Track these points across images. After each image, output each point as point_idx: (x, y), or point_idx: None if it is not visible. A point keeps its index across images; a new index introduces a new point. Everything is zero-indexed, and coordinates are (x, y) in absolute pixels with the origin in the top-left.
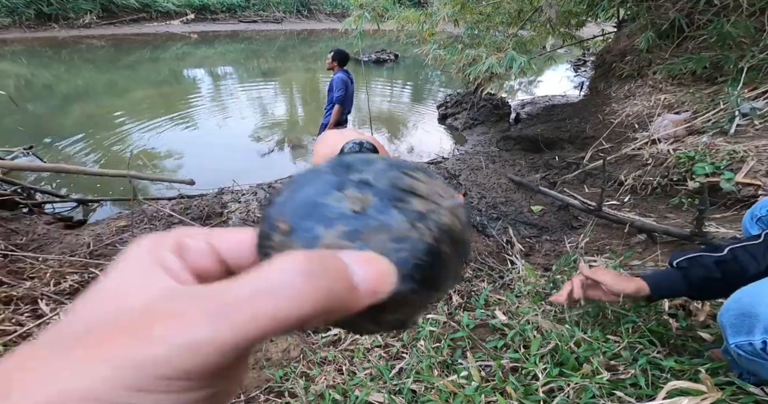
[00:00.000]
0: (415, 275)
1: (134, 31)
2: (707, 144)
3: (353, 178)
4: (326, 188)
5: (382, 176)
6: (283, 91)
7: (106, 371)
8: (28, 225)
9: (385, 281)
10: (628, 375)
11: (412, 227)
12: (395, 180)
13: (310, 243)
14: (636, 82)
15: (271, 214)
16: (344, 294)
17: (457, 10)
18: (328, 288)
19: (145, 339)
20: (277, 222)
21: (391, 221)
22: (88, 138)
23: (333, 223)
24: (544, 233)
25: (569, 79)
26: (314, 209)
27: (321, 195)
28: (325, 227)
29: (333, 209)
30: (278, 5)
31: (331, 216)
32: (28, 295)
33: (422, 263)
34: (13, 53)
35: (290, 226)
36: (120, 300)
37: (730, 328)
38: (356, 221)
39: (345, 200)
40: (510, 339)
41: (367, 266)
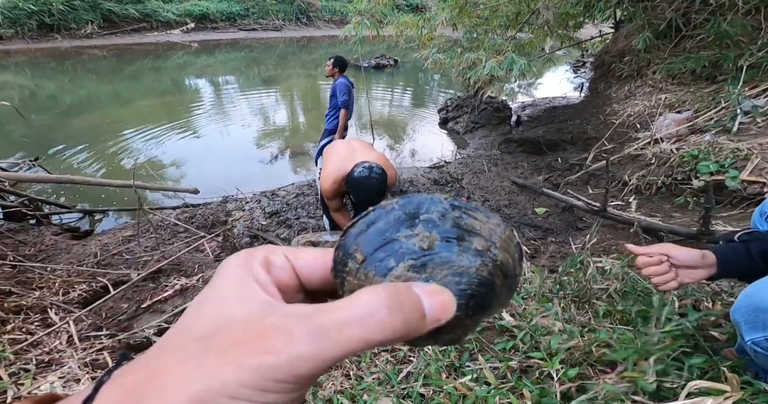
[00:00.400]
0: (470, 304)
1: (135, 40)
2: (710, 143)
3: (422, 217)
4: (398, 226)
5: (447, 217)
6: (283, 98)
7: (236, 374)
8: (36, 236)
9: (447, 310)
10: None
11: (470, 263)
12: (458, 220)
13: (382, 273)
14: (636, 82)
15: (347, 243)
16: (417, 322)
17: (455, 15)
18: (406, 319)
19: (263, 349)
20: (353, 252)
21: (452, 257)
22: (92, 148)
23: (404, 257)
24: (548, 235)
25: (569, 80)
26: (387, 244)
27: (393, 231)
28: (396, 261)
29: (403, 245)
30: (277, 13)
31: (402, 251)
32: (38, 304)
33: (477, 294)
34: (17, 64)
35: (365, 256)
36: (225, 309)
37: (744, 325)
38: (423, 257)
39: (414, 238)
40: (520, 340)
41: (433, 297)
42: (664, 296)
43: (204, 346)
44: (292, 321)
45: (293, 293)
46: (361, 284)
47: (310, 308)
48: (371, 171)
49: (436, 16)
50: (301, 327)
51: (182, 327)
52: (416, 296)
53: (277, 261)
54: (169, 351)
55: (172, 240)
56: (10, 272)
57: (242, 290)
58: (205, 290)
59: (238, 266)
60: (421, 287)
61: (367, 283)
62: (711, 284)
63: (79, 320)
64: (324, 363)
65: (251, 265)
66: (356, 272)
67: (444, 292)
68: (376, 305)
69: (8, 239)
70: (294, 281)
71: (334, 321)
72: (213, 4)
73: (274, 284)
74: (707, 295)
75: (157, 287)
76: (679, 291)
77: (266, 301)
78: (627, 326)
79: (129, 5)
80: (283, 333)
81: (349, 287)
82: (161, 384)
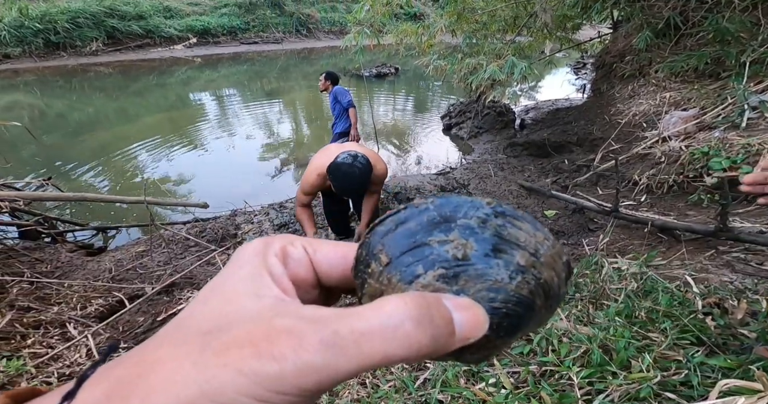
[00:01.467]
0: (503, 324)
1: (140, 56)
2: (720, 139)
3: (459, 222)
4: (430, 228)
5: (488, 224)
6: (287, 110)
7: (234, 379)
8: (51, 254)
9: (479, 329)
10: (681, 375)
11: (510, 279)
12: (500, 229)
13: (407, 280)
14: (638, 81)
15: (372, 242)
16: (446, 340)
17: (453, 21)
18: (435, 335)
19: (268, 355)
20: (378, 252)
21: (490, 271)
22: (102, 165)
23: (433, 265)
24: (560, 237)
25: (570, 82)
26: (416, 247)
27: (425, 235)
28: (424, 268)
29: (435, 251)
30: (277, 26)
31: (432, 258)
32: (57, 319)
33: (513, 314)
34: (26, 84)
35: (390, 259)
36: (236, 303)
37: None
38: (456, 267)
39: (448, 244)
40: (536, 344)
41: (464, 314)
42: (685, 295)
43: (204, 343)
44: (305, 325)
45: (309, 288)
46: (383, 289)
47: (328, 311)
48: (355, 159)
49: (435, 23)
50: (315, 334)
51: (185, 318)
52: (447, 310)
53: (294, 253)
54: (167, 343)
55: (183, 254)
56: (28, 289)
57: (254, 283)
58: (215, 279)
59: (253, 255)
60: (451, 301)
61: (390, 289)
62: (735, 282)
63: (97, 333)
64: (335, 376)
65: (267, 255)
66: (379, 275)
67: (477, 308)
68: (402, 316)
69: (25, 257)
70: (311, 276)
71: (353, 330)
72: (214, 19)
73: (290, 277)
74: (731, 293)
75: (171, 301)
76: (702, 289)
77: (279, 298)
78: (643, 325)
79: (132, 22)
80: (292, 338)
81: (370, 290)
82: (150, 382)
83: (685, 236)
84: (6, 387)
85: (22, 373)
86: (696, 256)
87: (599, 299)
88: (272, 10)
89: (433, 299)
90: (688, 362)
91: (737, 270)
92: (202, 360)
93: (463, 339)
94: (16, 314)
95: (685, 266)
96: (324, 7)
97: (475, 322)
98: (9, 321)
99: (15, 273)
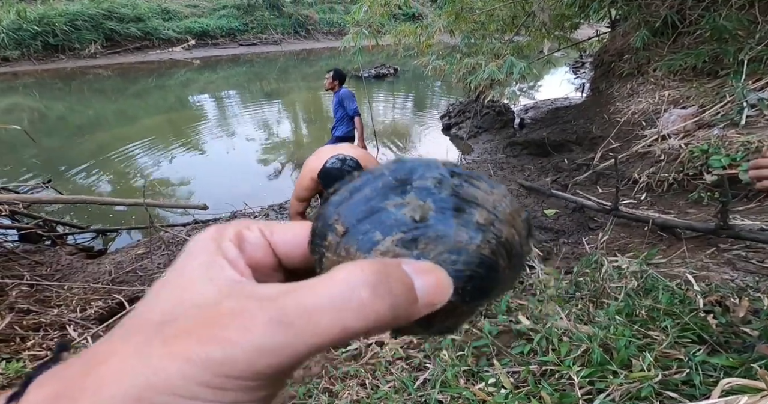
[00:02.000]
0: (468, 288)
1: (138, 59)
2: (720, 137)
3: (415, 184)
4: (386, 193)
5: (444, 184)
6: (286, 111)
7: (182, 368)
8: (51, 257)
9: (444, 292)
10: (683, 374)
11: (470, 239)
12: (457, 188)
13: (366, 248)
14: (637, 79)
15: (327, 213)
16: (407, 307)
17: (451, 21)
18: (394, 303)
19: (214, 339)
20: (333, 223)
21: (449, 231)
22: (101, 168)
23: (391, 230)
24: (560, 236)
25: (569, 81)
26: (373, 214)
27: (381, 199)
28: (382, 233)
29: (392, 215)
30: (276, 27)
31: (389, 223)
32: (56, 322)
33: (476, 276)
34: (25, 86)
35: (347, 228)
36: (189, 290)
37: None
38: (415, 230)
39: (405, 207)
40: (536, 344)
41: (426, 278)
42: (686, 293)
43: (155, 332)
44: (253, 305)
45: (269, 271)
46: (340, 260)
47: (279, 287)
48: (344, 163)
49: (434, 23)
50: (262, 313)
51: (139, 311)
52: (406, 275)
53: (250, 237)
54: (118, 337)
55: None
56: (28, 292)
57: (207, 268)
58: (169, 270)
59: (208, 242)
60: (411, 265)
61: (349, 260)
62: (736, 280)
63: (96, 336)
64: (292, 356)
65: (221, 241)
66: (336, 246)
67: (439, 271)
68: (356, 284)
69: (25, 260)
70: (270, 259)
71: (302, 304)
72: (212, 21)
73: (247, 262)
74: (733, 291)
75: None
76: (703, 287)
77: (232, 279)
78: (643, 324)
79: (130, 24)
80: (239, 320)
81: (328, 264)
82: (99, 377)
83: (685, 235)
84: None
85: (21, 375)
86: (697, 254)
87: (599, 297)
88: (271, 12)
89: (392, 264)
90: (689, 360)
91: (738, 268)
92: (150, 351)
93: (427, 305)
94: (16, 316)
95: (686, 264)
96: (322, 8)
97: (438, 286)
98: (9, 324)
99: (15, 276)
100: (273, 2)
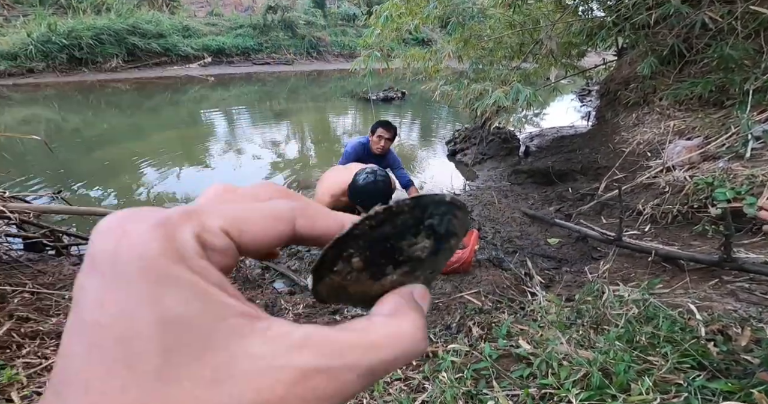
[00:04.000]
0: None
1: (157, 74)
2: (724, 169)
3: (426, 223)
4: (402, 232)
5: (444, 221)
6: (294, 131)
7: None
8: (55, 266)
9: (428, 310)
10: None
11: (444, 260)
12: (448, 225)
13: (377, 277)
14: (643, 109)
15: (346, 245)
16: None
17: (460, 47)
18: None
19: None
20: (349, 256)
21: (437, 260)
22: (110, 181)
23: (400, 265)
24: (563, 264)
25: (576, 109)
26: (389, 250)
27: (398, 238)
28: (393, 267)
29: (404, 253)
30: (289, 47)
31: (401, 259)
32: (54, 330)
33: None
34: (46, 97)
35: (363, 264)
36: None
37: None
38: (417, 263)
39: (415, 246)
40: (536, 368)
41: (425, 302)
42: (688, 322)
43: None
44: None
45: (230, 271)
46: (346, 284)
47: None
48: (376, 175)
49: (443, 48)
50: (349, 372)
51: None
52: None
53: (216, 242)
54: None
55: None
56: (28, 300)
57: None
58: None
59: (170, 263)
60: (417, 293)
61: (356, 284)
62: (739, 310)
63: None
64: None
65: (186, 258)
66: (346, 274)
67: (428, 294)
68: (418, 338)
69: (28, 269)
70: (236, 261)
71: (383, 361)
72: (229, 39)
73: None
74: (735, 321)
75: None
76: (705, 317)
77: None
78: (643, 350)
79: (152, 40)
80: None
81: (329, 283)
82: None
83: (689, 266)
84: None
85: (13, 383)
86: (700, 285)
87: (600, 324)
88: (285, 32)
89: (422, 309)
90: (688, 385)
91: (741, 299)
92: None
93: None
94: (15, 324)
95: (689, 294)
96: (335, 30)
97: (428, 305)
98: (7, 331)
99: (17, 284)
100: (288, 23)
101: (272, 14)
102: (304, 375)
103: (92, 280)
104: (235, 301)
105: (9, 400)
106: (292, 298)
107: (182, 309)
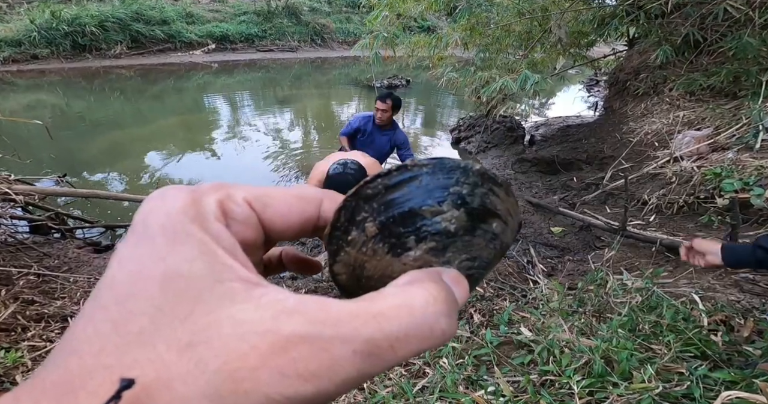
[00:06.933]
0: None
1: (160, 61)
2: (733, 160)
3: (452, 190)
4: (424, 197)
5: (476, 193)
6: (298, 118)
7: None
8: (59, 249)
9: (465, 301)
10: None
11: (486, 248)
12: (484, 198)
13: (397, 252)
14: (652, 99)
15: (355, 207)
16: None
17: (466, 35)
18: (456, 323)
19: (295, 374)
20: (362, 220)
21: (473, 241)
22: (114, 165)
23: (426, 238)
24: (566, 253)
25: (583, 99)
26: (409, 218)
27: (420, 204)
28: (416, 241)
29: (428, 223)
30: (293, 34)
31: (426, 230)
32: (59, 313)
33: (478, 275)
34: (50, 84)
35: (378, 229)
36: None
37: None
38: (447, 239)
39: (440, 216)
40: (538, 355)
41: (459, 289)
42: (691, 312)
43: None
44: (325, 331)
45: (254, 250)
46: (364, 259)
47: (339, 307)
48: (345, 167)
49: (449, 35)
50: (343, 344)
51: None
52: (459, 296)
53: (237, 212)
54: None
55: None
56: (34, 282)
57: (209, 265)
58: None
59: (181, 218)
60: (448, 276)
61: (375, 260)
62: (742, 301)
63: None
64: (365, 380)
65: (202, 219)
66: (362, 244)
67: (464, 281)
68: (436, 314)
69: (33, 252)
70: (260, 237)
71: (388, 336)
72: (233, 26)
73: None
74: (738, 312)
75: None
76: (709, 307)
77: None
78: (646, 338)
79: (156, 27)
80: (317, 350)
81: (346, 259)
82: None
83: None
84: (1, 379)
85: (18, 365)
86: (704, 275)
87: (603, 312)
88: (289, 19)
89: (450, 288)
90: (690, 374)
91: (745, 290)
92: (216, 393)
93: None
94: (20, 306)
95: (692, 284)
96: (339, 17)
97: (464, 295)
98: (12, 313)
99: (22, 266)
100: (292, 10)
101: (276, 1)
102: (285, 343)
103: (126, 241)
104: (240, 266)
105: (13, 383)
106: (294, 283)
107: (186, 266)
